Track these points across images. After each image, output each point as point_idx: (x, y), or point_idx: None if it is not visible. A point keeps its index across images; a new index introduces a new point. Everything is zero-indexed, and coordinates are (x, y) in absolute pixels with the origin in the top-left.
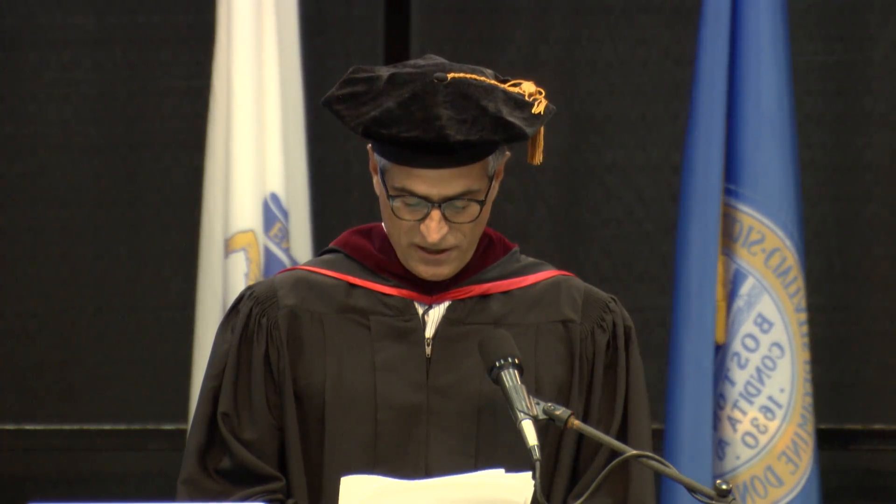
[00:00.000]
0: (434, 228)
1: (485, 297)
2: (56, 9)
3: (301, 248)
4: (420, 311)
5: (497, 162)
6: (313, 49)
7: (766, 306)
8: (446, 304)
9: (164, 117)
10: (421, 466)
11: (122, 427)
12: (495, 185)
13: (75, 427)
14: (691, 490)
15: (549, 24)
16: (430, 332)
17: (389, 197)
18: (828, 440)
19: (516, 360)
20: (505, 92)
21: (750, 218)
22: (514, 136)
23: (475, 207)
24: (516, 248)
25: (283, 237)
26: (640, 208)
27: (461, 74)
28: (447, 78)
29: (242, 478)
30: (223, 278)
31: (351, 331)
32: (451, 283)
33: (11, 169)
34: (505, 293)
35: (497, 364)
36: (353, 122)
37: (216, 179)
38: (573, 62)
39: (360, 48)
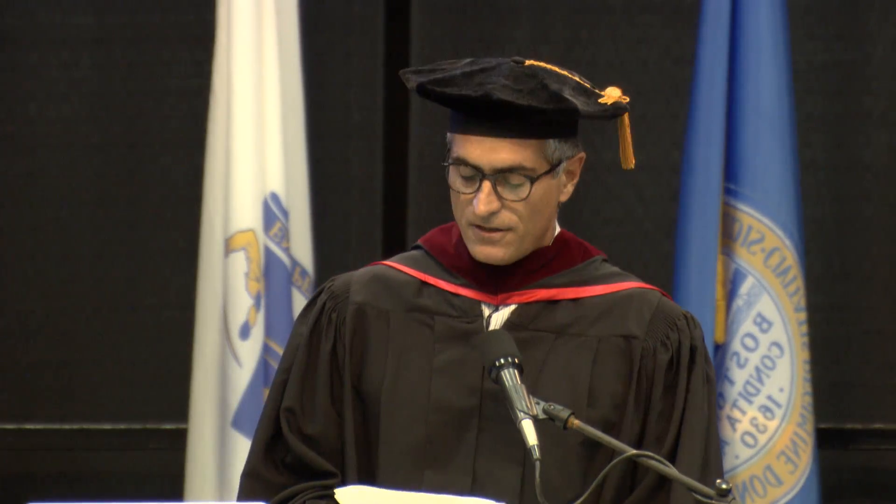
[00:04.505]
0: (483, 200)
1: (553, 303)
2: (56, 8)
3: (301, 247)
4: (486, 312)
5: (563, 151)
6: (313, 49)
7: (766, 306)
8: (512, 307)
9: (164, 117)
10: (468, 472)
11: (122, 427)
12: (568, 185)
13: (75, 427)
14: (691, 490)
15: (549, 24)
16: None
17: (450, 165)
18: (827, 439)
19: (516, 360)
20: (577, 82)
21: (749, 217)
22: (563, 109)
23: (526, 186)
24: (600, 256)
25: (283, 237)
26: (640, 208)
27: (541, 63)
28: (524, 62)
29: (301, 472)
30: (223, 278)
31: (415, 330)
32: (518, 284)
33: (11, 169)
34: (574, 301)
35: (497, 363)
36: (414, 81)
37: (216, 179)
38: (573, 62)
39: (360, 48)
